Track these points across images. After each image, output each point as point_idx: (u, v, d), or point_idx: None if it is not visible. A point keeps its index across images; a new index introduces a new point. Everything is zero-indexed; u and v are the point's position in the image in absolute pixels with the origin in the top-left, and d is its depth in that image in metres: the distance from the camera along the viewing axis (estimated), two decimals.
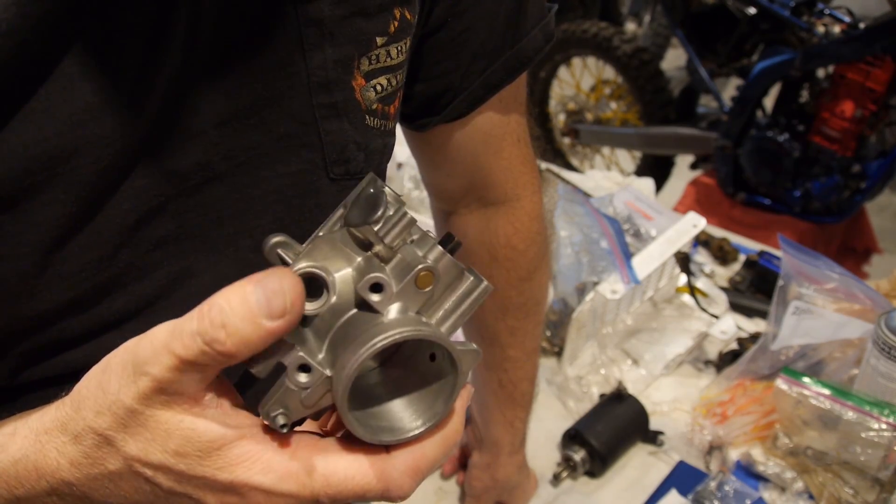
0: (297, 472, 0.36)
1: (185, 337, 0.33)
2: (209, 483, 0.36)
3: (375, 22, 0.51)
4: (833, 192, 2.21)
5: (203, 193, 0.47)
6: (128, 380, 0.35)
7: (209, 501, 0.37)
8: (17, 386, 0.46)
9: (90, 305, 0.45)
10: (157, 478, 0.36)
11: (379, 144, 0.55)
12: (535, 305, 0.84)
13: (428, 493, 1.06)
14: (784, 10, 2.23)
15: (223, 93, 0.45)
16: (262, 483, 0.36)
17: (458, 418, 0.40)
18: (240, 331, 0.33)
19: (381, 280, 0.35)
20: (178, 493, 0.37)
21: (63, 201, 0.41)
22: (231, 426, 0.36)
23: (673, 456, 1.08)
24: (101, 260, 0.43)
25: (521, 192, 0.76)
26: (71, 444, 0.37)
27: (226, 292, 0.33)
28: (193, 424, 0.35)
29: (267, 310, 0.33)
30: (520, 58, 0.64)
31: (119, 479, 0.37)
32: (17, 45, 0.37)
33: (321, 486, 0.36)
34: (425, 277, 0.35)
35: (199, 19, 0.43)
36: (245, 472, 0.36)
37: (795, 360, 1.08)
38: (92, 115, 0.40)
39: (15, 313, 0.42)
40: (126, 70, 0.41)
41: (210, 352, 0.33)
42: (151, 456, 0.36)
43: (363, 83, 0.52)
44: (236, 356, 0.34)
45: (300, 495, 0.36)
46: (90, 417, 0.36)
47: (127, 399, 0.35)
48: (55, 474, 0.38)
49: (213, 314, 0.33)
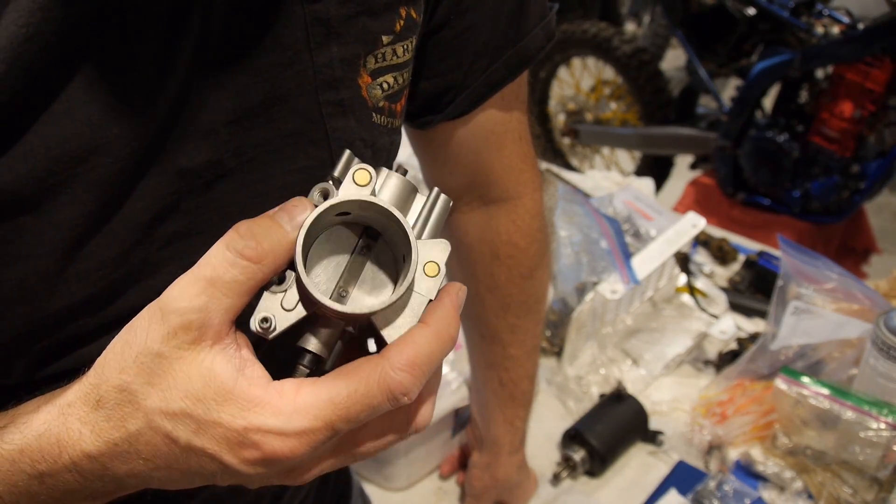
0: (304, 406, 0.37)
1: (213, 258, 0.37)
2: (225, 433, 0.37)
3: (381, 21, 0.51)
4: (832, 192, 2.22)
5: (213, 190, 0.47)
6: (156, 325, 0.37)
7: (227, 459, 0.38)
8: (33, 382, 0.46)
9: (106, 302, 0.45)
10: (177, 430, 0.38)
11: (385, 142, 0.55)
12: (535, 303, 0.84)
13: (428, 493, 1.06)
14: (783, 10, 2.23)
15: (233, 91, 0.46)
16: (274, 425, 0.37)
17: (450, 312, 0.40)
18: (268, 238, 0.37)
19: (325, 187, 0.40)
20: (196, 448, 0.38)
21: (83, 200, 0.41)
22: (243, 373, 0.38)
23: (672, 456, 1.08)
24: (117, 257, 0.44)
25: (523, 190, 0.76)
26: (93, 411, 0.38)
27: (251, 219, 0.38)
28: (212, 364, 0.37)
29: (289, 218, 0.38)
30: (521, 56, 0.64)
31: (138, 440, 0.38)
32: (40, 49, 0.38)
33: (329, 411, 0.37)
34: (361, 174, 0.39)
35: (210, 20, 0.43)
36: (256, 416, 0.37)
37: (795, 359, 1.08)
38: (111, 116, 0.41)
39: (35, 312, 0.43)
40: (142, 70, 0.42)
41: (240, 261, 0.37)
42: (172, 403, 0.37)
43: (369, 81, 0.52)
44: (264, 263, 0.37)
45: (313, 427, 0.37)
46: (114, 375, 0.38)
47: (154, 344, 0.37)
48: (76, 445, 0.39)
49: (241, 229, 0.37)
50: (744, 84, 2.30)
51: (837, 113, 2.14)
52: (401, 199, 0.42)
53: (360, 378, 0.38)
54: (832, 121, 2.16)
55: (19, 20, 0.37)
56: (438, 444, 1.05)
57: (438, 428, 1.02)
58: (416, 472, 1.06)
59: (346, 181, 0.40)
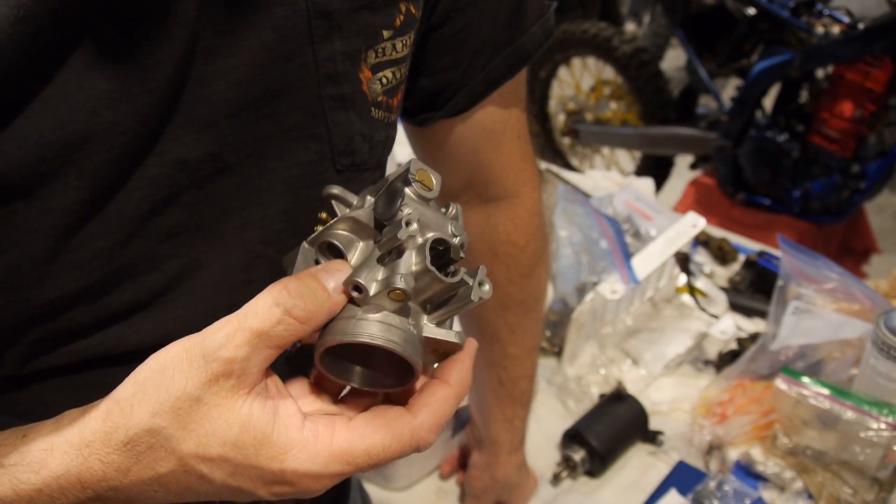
0: (340, 453, 0.40)
1: (262, 311, 0.38)
2: (261, 474, 0.39)
3: (382, 15, 0.51)
4: (832, 192, 2.21)
5: (213, 184, 0.47)
6: (197, 370, 0.38)
7: (260, 493, 0.40)
8: (27, 374, 0.46)
9: (101, 295, 0.45)
10: (213, 473, 0.39)
11: (382, 136, 0.55)
12: (534, 302, 0.84)
13: (428, 493, 1.06)
14: (783, 10, 2.23)
15: (235, 84, 0.45)
16: (310, 469, 0.39)
17: (469, 372, 0.45)
18: (314, 299, 0.39)
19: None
20: (231, 486, 0.39)
21: (76, 188, 0.41)
22: (278, 414, 0.39)
23: (672, 456, 1.08)
24: (112, 249, 0.44)
25: (521, 188, 0.76)
26: (117, 453, 0.39)
27: (296, 275, 0.40)
28: (250, 411, 0.39)
29: (333, 283, 0.40)
30: (520, 53, 0.64)
31: (169, 480, 0.39)
32: (33, 32, 0.37)
33: (364, 460, 0.40)
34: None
35: (210, 9, 0.43)
36: (293, 460, 0.39)
37: (795, 359, 1.08)
38: (106, 103, 0.40)
39: (26, 301, 0.42)
40: (138, 58, 0.41)
41: (287, 319, 0.38)
42: (210, 450, 0.38)
43: (370, 76, 0.52)
44: (309, 323, 0.39)
45: (345, 472, 0.40)
46: (146, 420, 0.38)
47: (195, 390, 0.38)
48: (100, 483, 0.39)
49: (290, 287, 0.39)
50: (744, 84, 2.30)
51: (837, 113, 2.14)
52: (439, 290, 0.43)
53: (393, 434, 0.41)
54: (832, 121, 2.16)
55: (10, 1, 0.36)
56: (438, 444, 1.05)
57: None
58: (416, 472, 1.06)
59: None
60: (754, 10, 2.31)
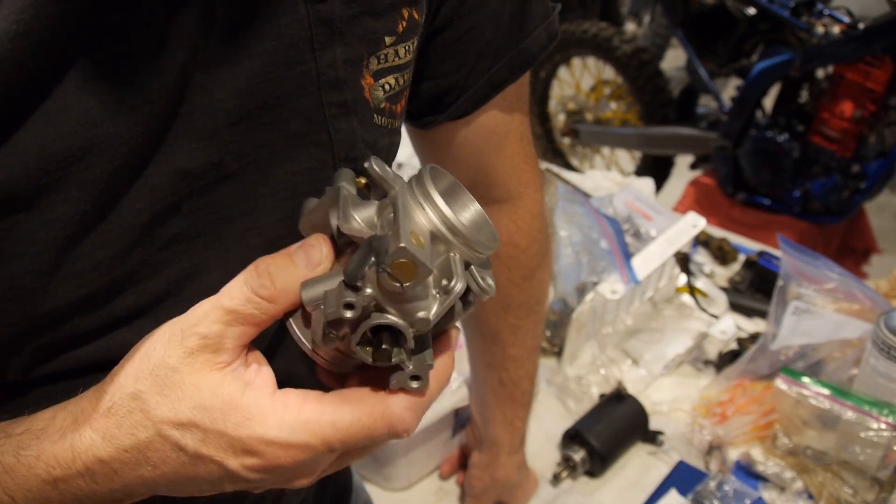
0: (306, 421, 0.40)
1: (233, 290, 0.40)
2: (231, 442, 0.40)
3: (384, 21, 0.51)
4: (832, 192, 2.22)
5: (214, 192, 0.47)
6: (175, 343, 0.40)
7: (231, 465, 0.40)
8: (29, 381, 0.46)
9: (103, 303, 0.45)
10: (184, 438, 0.40)
11: (385, 143, 0.55)
12: (536, 304, 0.84)
13: (428, 493, 1.06)
14: (783, 10, 2.23)
15: (236, 92, 0.45)
16: (276, 436, 0.39)
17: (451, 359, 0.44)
18: (282, 278, 0.40)
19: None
20: (203, 455, 0.40)
21: (77, 199, 0.41)
22: (251, 385, 0.40)
23: (672, 456, 1.08)
24: (114, 258, 0.44)
25: (524, 190, 0.76)
26: (103, 418, 0.40)
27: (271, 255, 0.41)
28: (222, 380, 0.40)
29: (306, 261, 0.41)
30: (524, 57, 0.64)
31: (147, 448, 0.40)
32: (34, 46, 0.37)
33: (330, 432, 0.40)
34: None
35: (211, 18, 0.43)
36: (259, 426, 0.39)
37: (795, 359, 1.08)
38: (107, 114, 0.40)
39: (29, 311, 0.43)
40: (139, 68, 0.41)
41: (255, 298, 0.39)
42: (181, 413, 0.39)
43: (372, 82, 0.52)
44: (277, 302, 0.40)
45: (312, 444, 0.40)
46: (129, 384, 0.40)
47: (172, 360, 0.40)
48: (89, 451, 0.40)
49: (259, 267, 0.40)
50: (744, 84, 2.30)
51: (838, 113, 2.14)
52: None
53: (363, 408, 0.40)
54: (832, 121, 2.16)
55: (10, 15, 0.36)
56: (438, 444, 1.05)
57: (438, 428, 1.02)
58: (416, 472, 1.06)
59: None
60: (754, 10, 2.31)
